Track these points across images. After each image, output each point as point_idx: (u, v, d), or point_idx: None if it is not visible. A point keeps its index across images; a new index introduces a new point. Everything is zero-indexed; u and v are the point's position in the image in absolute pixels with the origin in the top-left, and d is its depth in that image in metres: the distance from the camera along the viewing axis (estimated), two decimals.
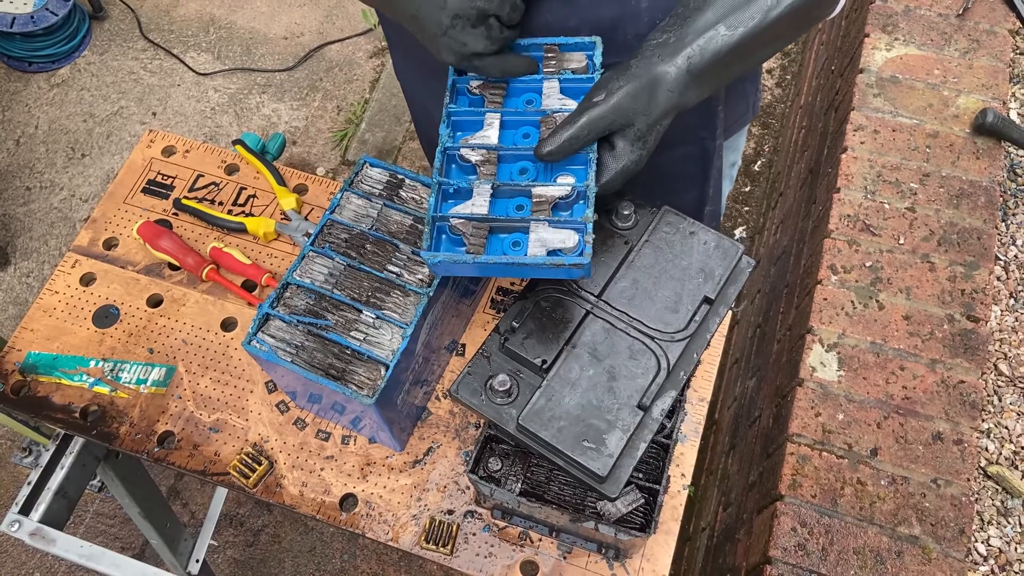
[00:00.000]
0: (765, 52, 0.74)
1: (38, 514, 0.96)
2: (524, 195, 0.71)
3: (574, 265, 0.66)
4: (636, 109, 0.68)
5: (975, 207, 1.19)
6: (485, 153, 0.72)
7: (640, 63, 0.68)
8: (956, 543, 0.96)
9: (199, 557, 1.36)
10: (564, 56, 0.77)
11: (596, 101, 0.68)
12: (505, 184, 0.71)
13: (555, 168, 0.72)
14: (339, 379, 0.74)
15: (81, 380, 0.93)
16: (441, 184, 0.71)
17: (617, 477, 0.70)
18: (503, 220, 0.69)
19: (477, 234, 0.68)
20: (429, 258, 0.67)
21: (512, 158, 0.73)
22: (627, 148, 0.69)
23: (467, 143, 0.73)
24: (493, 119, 0.74)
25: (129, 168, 1.08)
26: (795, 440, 1.03)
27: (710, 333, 0.77)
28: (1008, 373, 1.19)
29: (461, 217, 0.69)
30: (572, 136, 0.67)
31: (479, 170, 0.72)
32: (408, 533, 0.85)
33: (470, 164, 0.73)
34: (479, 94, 0.76)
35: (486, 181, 0.71)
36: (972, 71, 1.31)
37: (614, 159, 0.69)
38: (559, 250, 0.67)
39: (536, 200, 0.69)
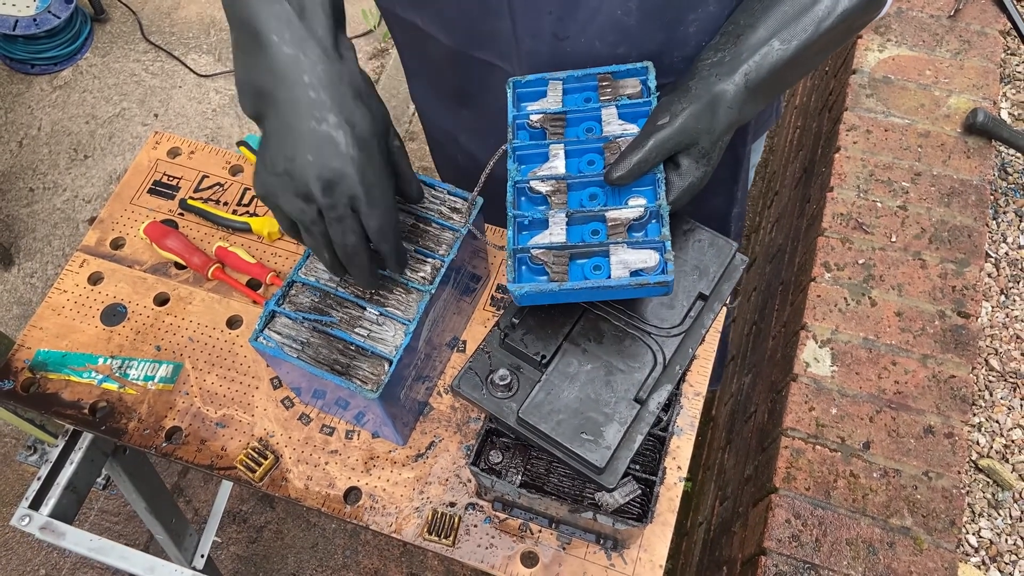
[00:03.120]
0: (819, 59, 0.76)
1: (48, 508, 0.98)
2: (598, 220, 0.72)
3: (659, 283, 0.67)
4: (700, 128, 0.70)
5: (966, 205, 1.21)
6: (554, 183, 0.74)
7: (699, 83, 0.70)
8: (947, 534, 0.98)
9: (204, 552, 1.38)
10: (618, 83, 0.78)
11: (661, 124, 0.70)
12: (578, 211, 0.72)
13: (623, 192, 0.73)
14: (344, 374, 0.76)
15: (90, 377, 0.95)
16: (516, 217, 0.72)
17: (615, 468, 0.72)
18: (582, 246, 0.70)
19: (559, 262, 0.70)
20: (516, 290, 0.68)
21: (580, 185, 0.74)
22: (692, 166, 0.71)
23: (535, 175, 0.75)
24: (558, 150, 0.75)
25: (135, 169, 1.10)
26: (789, 434, 1.05)
27: (704, 328, 0.79)
28: (999, 368, 1.21)
29: (541, 247, 0.70)
30: (641, 159, 0.69)
31: (550, 200, 0.73)
32: (411, 525, 0.87)
33: (540, 195, 0.74)
34: (540, 127, 0.78)
35: (560, 210, 0.72)
36: (963, 72, 1.33)
37: (680, 177, 0.71)
38: (641, 270, 0.68)
39: (611, 224, 0.71)
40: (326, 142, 0.65)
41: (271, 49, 0.65)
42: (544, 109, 0.78)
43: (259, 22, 0.65)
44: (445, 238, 0.83)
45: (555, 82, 0.79)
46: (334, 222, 0.67)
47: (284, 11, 0.65)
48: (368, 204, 0.67)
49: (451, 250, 0.82)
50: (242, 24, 0.67)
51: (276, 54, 0.65)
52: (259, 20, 0.65)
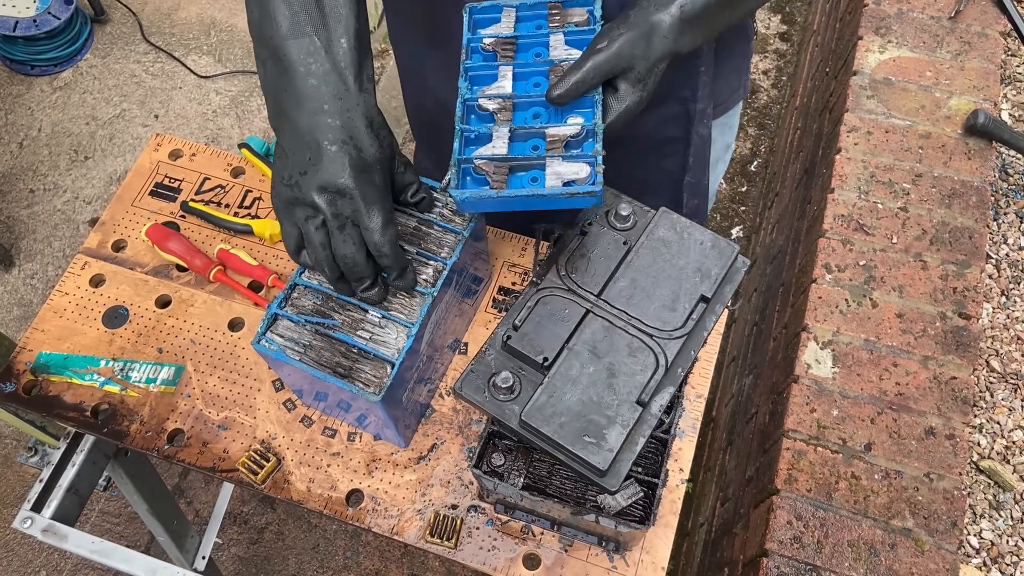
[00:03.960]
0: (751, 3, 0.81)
1: (50, 511, 0.98)
2: (538, 136, 0.77)
3: (587, 193, 0.72)
4: (635, 54, 0.74)
5: (967, 207, 1.21)
6: (501, 102, 0.79)
7: (638, 13, 0.75)
8: (949, 536, 0.98)
9: (205, 554, 1.38)
10: (567, 12, 0.83)
11: (599, 48, 0.74)
12: (521, 127, 0.77)
13: (564, 111, 0.78)
14: (346, 377, 0.76)
15: (92, 379, 0.95)
16: (463, 131, 0.77)
17: (617, 471, 0.72)
18: (521, 158, 0.75)
19: (499, 172, 0.74)
20: (457, 195, 0.73)
21: (525, 105, 0.79)
22: (629, 90, 0.76)
23: (484, 94, 0.79)
24: (506, 71, 0.81)
25: (137, 171, 1.10)
26: (791, 436, 1.06)
27: (707, 331, 0.79)
28: (1000, 369, 1.21)
29: (483, 158, 0.75)
30: (579, 80, 0.73)
31: (496, 117, 0.78)
32: (413, 527, 0.87)
33: (488, 112, 0.79)
34: (492, 50, 0.82)
35: (504, 125, 0.77)
36: (964, 73, 1.33)
37: (617, 100, 0.76)
38: (573, 181, 0.73)
39: (550, 139, 0.76)
40: (335, 162, 0.72)
41: (296, 79, 0.73)
42: (497, 34, 0.83)
43: (288, 53, 0.73)
44: (447, 241, 0.83)
45: (509, 9, 0.84)
46: (336, 231, 0.73)
47: (312, 45, 0.73)
48: (368, 218, 0.73)
49: (453, 253, 0.82)
50: (272, 53, 0.74)
51: (300, 83, 0.73)
52: (288, 51, 0.73)
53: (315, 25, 0.74)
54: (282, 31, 0.73)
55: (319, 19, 0.74)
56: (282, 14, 0.74)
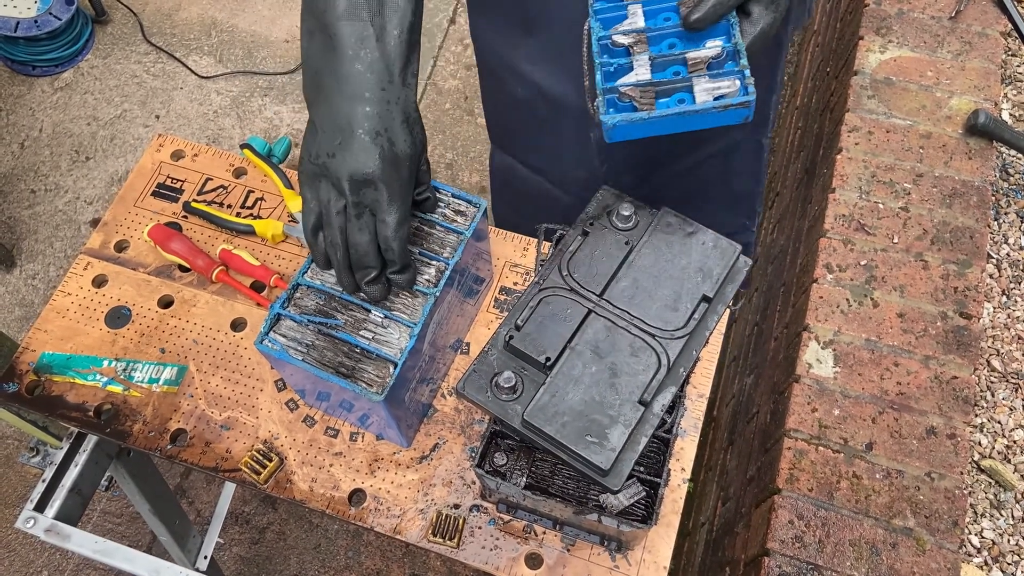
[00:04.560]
0: None
1: (53, 511, 0.98)
2: (678, 63, 0.77)
3: (740, 104, 0.72)
4: None
5: (968, 206, 1.21)
6: (635, 36, 0.78)
7: None
8: (950, 535, 0.98)
9: (207, 554, 1.38)
10: None
11: None
12: (659, 55, 0.77)
13: (700, 39, 0.78)
14: (349, 377, 0.77)
15: (94, 379, 0.95)
16: (602, 65, 0.77)
17: (619, 470, 0.72)
18: (667, 82, 0.75)
19: (646, 95, 0.74)
20: (608, 120, 0.73)
21: (659, 38, 0.79)
22: (762, 12, 0.76)
23: (617, 31, 0.79)
24: (636, 9, 0.80)
25: (139, 172, 1.10)
26: (792, 435, 1.06)
27: (709, 331, 0.79)
28: (1001, 369, 1.21)
29: (629, 84, 0.75)
30: (717, 2, 0.73)
31: (632, 50, 0.78)
32: (415, 527, 0.87)
33: (623, 48, 0.78)
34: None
35: (642, 55, 0.77)
36: (964, 73, 1.33)
37: (751, 24, 0.76)
38: (724, 95, 0.73)
39: (692, 61, 0.76)
40: (366, 150, 0.72)
41: (343, 60, 0.73)
42: None
43: (339, 33, 0.73)
44: (449, 241, 0.83)
45: None
46: (354, 218, 0.74)
47: (365, 31, 0.73)
48: (386, 212, 0.73)
49: (455, 253, 0.82)
50: (324, 30, 0.74)
51: (346, 66, 0.73)
52: (339, 31, 0.73)
53: (371, 11, 0.73)
54: (338, 11, 0.73)
55: (376, 6, 0.73)
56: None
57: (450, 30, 2.73)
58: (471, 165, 2.44)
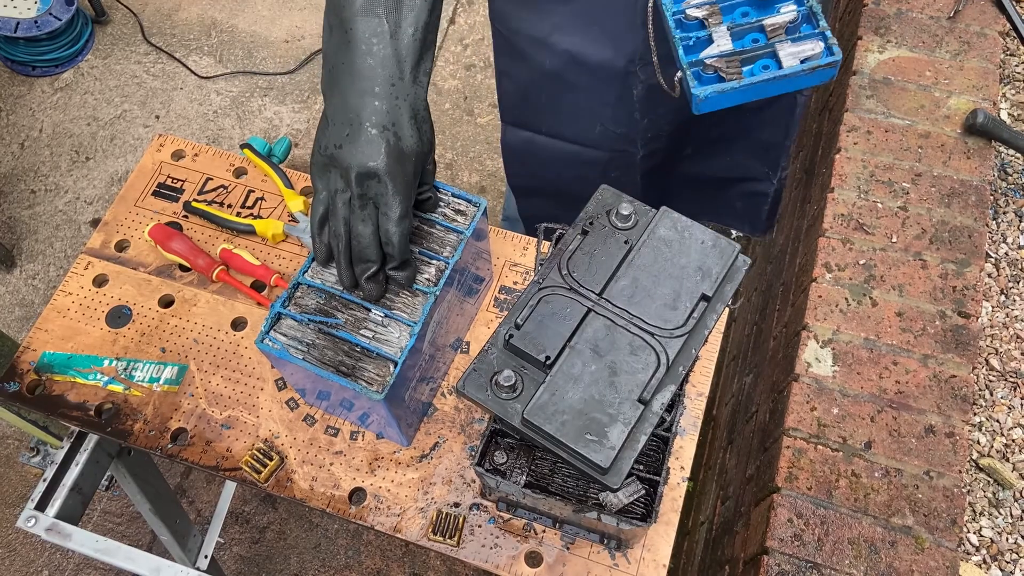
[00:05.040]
0: None
1: (54, 510, 0.98)
2: (755, 31, 0.78)
3: (828, 64, 0.73)
4: None
5: (966, 206, 1.22)
6: (708, 7, 0.79)
7: None
8: (948, 533, 0.99)
9: (208, 553, 1.39)
10: None
11: None
12: (736, 24, 0.77)
13: (771, 5, 0.78)
14: (349, 376, 0.77)
15: (95, 379, 0.96)
16: (681, 40, 0.77)
17: (619, 469, 0.72)
18: (750, 50, 0.76)
19: (732, 65, 0.75)
20: (700, 92, 0.74)
21: (730, 8, 0.79)
22: None
23: (689, 4, 0.79)
24: None
25: (140, 172, 1.10)
26: (791, 434, 1.06)
27: (708, 329, 0.80)
28: (999, 368, 1.21)
29: (713, 56, 0.76)
30: None
31: (707, 22, 0.78)
32: (416, 525, 0.87)
33: (696, 20, 0.79)
34: None
35: (719, 27, 0.77)
36: (963, 73, 1.34)
37: None
38: (809, 58, 0.74)
39: (771, 28, 0.76)
40: (372, 143, 0.73)
41: (356, 55, 0.74)
42: None
43: (354, 28, 0.74)
44: (449, 240, 0.84)
45: None
46: (358, 209, 0.74)
47: (380, 27, 0.74)
48: (388, 205, 0.74)
49: (455, 252, 0.82)
50: (341, 24, 0.75)
51: (359, 60, 0.74)
52: (355, 26, 0.74)
53: (387, 8, 0.74)
54: (355, 6, 0.74)
55: (393, 3, 0.74)
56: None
57: (450, 30, 2.73)
58: (471, 165, 2.45)
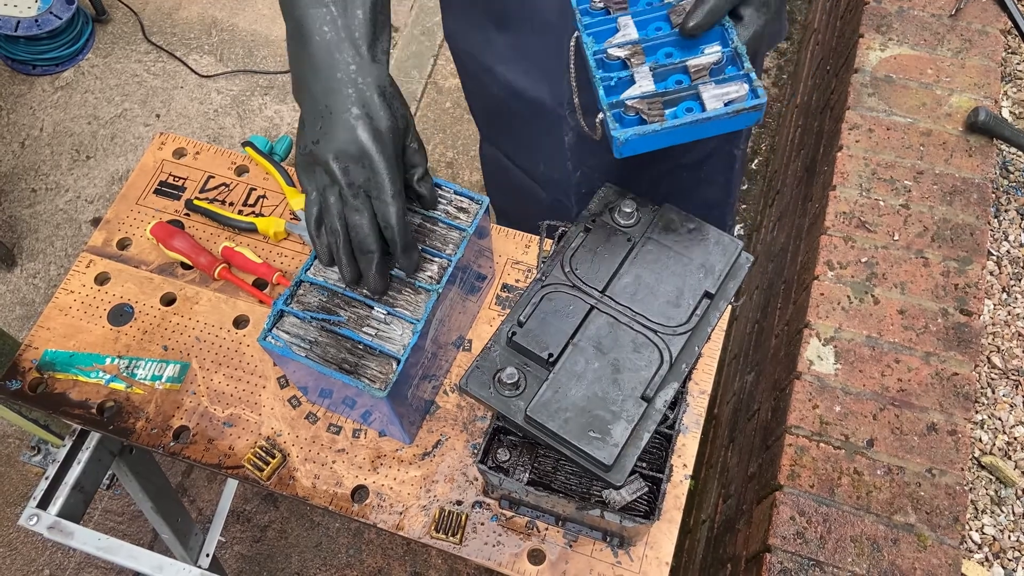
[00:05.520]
0: None
1: (56, 508, 0.98)
2: (679, 72, 0.76)
3: (752, 108, 0.71)
4: None
5: (968, 203, 1.21)
6: (631, 47, 0.77)
7: None
8: (951, 531, 0.99)
9: (209, 552, 1.39)
10: None
11: None
12: (659, 65, 0.76)
13: (694, 47, 0.77)
14: (352, 373, 0.77)
15: (97, 377, 0.96)
16: (603, 80, 0.76)
17: (622, 466, 0.72)
18: (673, 91, 0.74)
19: (654, 107, 0.73)
20: (620, 135, 0.72)
21: (654, 48, 0.78)
22: (754, 15, 0.76)
23: (611, 43, 0.78)
24: (626, 20, 0.79)
25: (141, 170, 1.10)
26: (793, 432, 1.06)
27: (711, 327, 0.80)
28: (1001, 366, 1.21)
29: (635, 97, 0.74)
30: (713, 7, 0.73)
31: (630, 62, 0.77)
32: (418, 523, 0.87)
33: (619, 60, 0.77)
34: (603, 7, 0.81)
35: (641, 67, 0.76)
36: (964, 70, 1.34)
37: (744, 28, 0.76)
38: (733, 100, 0.72)
39: (694, 69, 0.75)
40: (346, 129, 0.73)
41: (312, 47, 0.74)
42: None
43: (305, 21, 0.74)
44: (452, 238, 0.84)
45: None
46: (350, 199, 0.74)
47: (328, 14, 0.74)
48: (379, 189, 0.73)
49: (458, 250, 0.82)
50: (293, 21, 0.75)
51: (316, 52, 0.74)
52: (305, 19, 0.74)
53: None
54: (301, 2, 0.74)
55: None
56: None
57: None
58: (472, 164, 2.45)
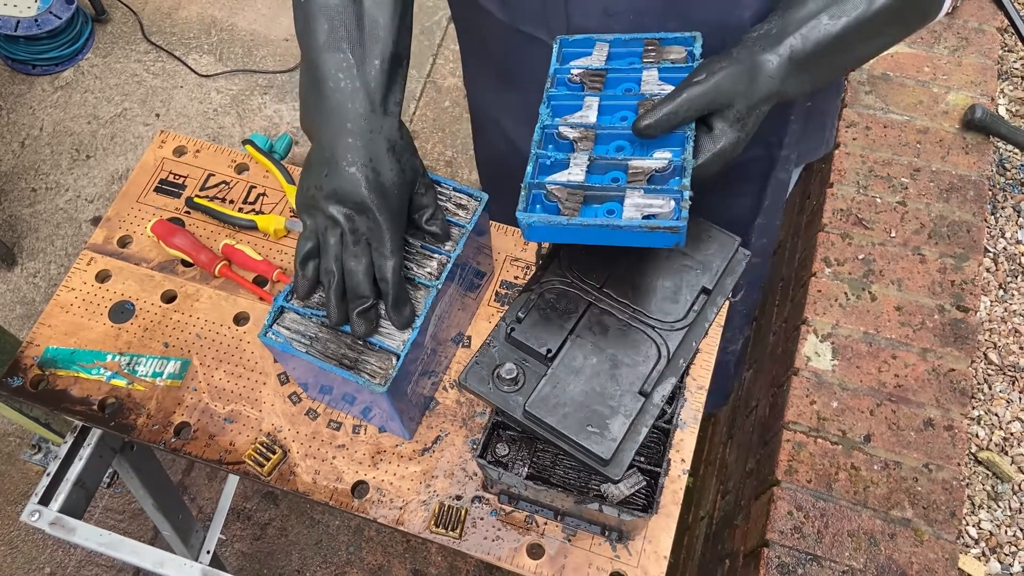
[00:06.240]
0: (868, 48, 0.74)
1: (57, 504, 0.99)
2: (620, 169, 0.71)
3: (668, 229, 0.65)
4: (736, 91, 0.68)
5: (964, 201, 1.22)
6: (583, 131, 0.73)
7: (742, 50, 0.70)
8: (947, 526, 0.99)
9: (210, 549, 1.39)
10: (664, 49, 0.77)
11: (697, 80, 0.68)
12: (601, 158, 0.71)
13: (651, 146, 0.72)
14: (352, 368, 0.77)
15: (99, 374, 0.96)
16: (539, 156, 0.73)
17: (620, 460, 0.73)
18: (598, 188, 0.69)
19: (572, 199, 0.69)
20: (524, 219, 0.68)
21: (609, 137, 0.74)
22: (725, 129, 0.69)
23: (566, 122, 0.75)
24: (592, 102, 0.75)
25: (142, 168, 1.11)
26: (791, 428, 1.07)
27: (708, 322, 0.80)
28: (997, 362, 1.22)
29: (557, 183, 0.70)
30: (671, 111, 0.68)
31: (576, 146, 0.73)
32: (418, 518, 0.88)
33: (567, 141, 0.74)
34: (579, 81, 0.78)
35: (583, 154, 0.72)
36: (961, 68, 1.34)
37: (712, 140, 0.69)
38: (654, 215, 0.67)
39: (632, 171, 0.70)
40: (351, 181, 0.73)
41: (325, 91, 0.73)
42: (587, 66, 0.78)
43: (321, 64, 0.73)
44: (451, 234, 0.84)
45: (602, 43, 0.79)
46: (350, 244, 0.74)
47: (345, 60, 0.73)
48: (379, 242, 0.74)
49: (457, 246, 0.83)
50: (308, 63, 0.75)
51: (329, 97, 0.73)
52: (321, 62, 0.73)
53: (351, 42, 0.73)
54: (319, 43, 0.73)
55: (357, 37, 0.74)
56: (321, 26, 0.74)
57: (449, 28, 2.73)
58: (470, 163, 2.45)
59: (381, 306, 0.78)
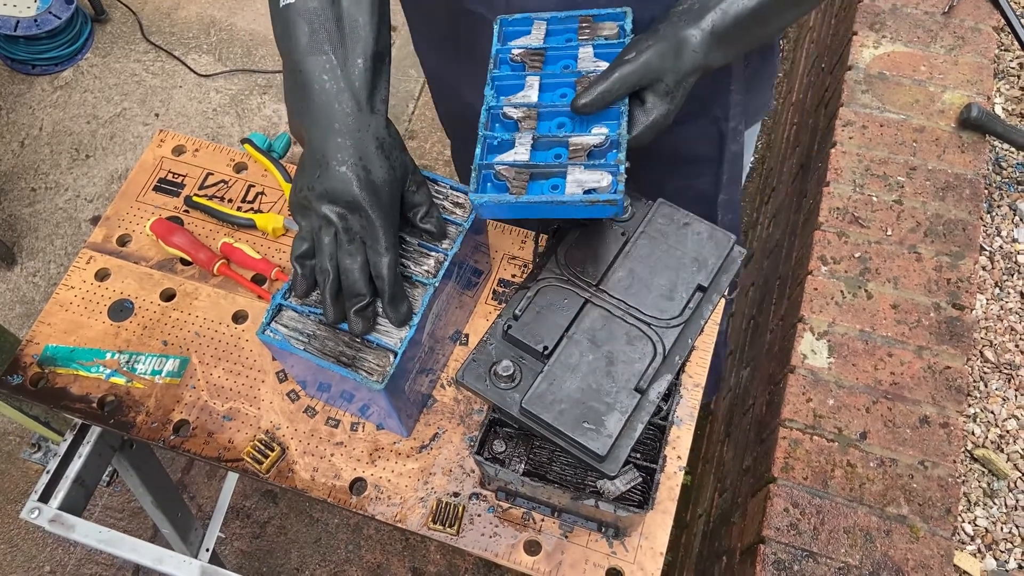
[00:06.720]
0: (784, 18, 0.80)
1: (57, 501, 0.99)
2: (562, 145, 0.77)
3: (607, 202, 0.71)
4: (664, 67, 0.74)
5: (960, 199, 1.23)
6: (526, 110, 0.78)
7: (667, 27, 0.75)
8: (943, 522, 1.00)
9: (209, 546, 1.39)
10: (597, 25, 0.83)
11: (627, 59, 0.74)
12: (544, 136, 0.77)
13: (590, 122, 0.77)
14: (350, 366, 0.78)
15: (98, 371, 0.97)
16: (486, 137, 0.77)
17: (616, 456, 0.73)
18: (542, 166, 0.75)
19: (519, 178, 0.74)
20: (476, 199, 0.73)
21: (550, 115, 0.79)
22: (656, 102, 0.75)
23: (509, 102, 0.79)
24: (533, 81, 0.80)
25: (141, 167, 1.11)
26: (787, 425, 1.07)
27: (704, 319, 0.81)
28: (993, 360, 1.22)
29: (505, 164, 0.75)
30: (605, 89, 0.73)
31: (520, 125, 0.78)
32: (416, 515, 0.88)
33: (512, 121, 0.79)
34: (520, 61, 0.82)
35: (527, 133, 0.77)
36: (957, 67, 1.35)
37: (644, 113, 0.75)
38: (594, 189, 0.72)
39: (572, 148, 0.75)
40: (342, 180, 0.73)
41: (311, 94, 0.74)
42: (526, 45, 0.83)
43: (304, 67, 0.74)
44: (448, 232, 0.85)
45: (539, 22, 0.84)
46: (345, 243, 0.75)
47: (328, 62, 0.74)
48: (373, 239, 0.75)
49: (454, 244, 0.83)
50: (291, 68, 0.75)
51: (315, 99, 0.74)
52: (304, 65, 0.74)
53: (333, 43, 0.74)
54: (300, 47, 0.74)
55: (337, 38, 0.75)
56: (301, 30, 0.74)
57: None
58: None
59: (378, 304, 0.79)
